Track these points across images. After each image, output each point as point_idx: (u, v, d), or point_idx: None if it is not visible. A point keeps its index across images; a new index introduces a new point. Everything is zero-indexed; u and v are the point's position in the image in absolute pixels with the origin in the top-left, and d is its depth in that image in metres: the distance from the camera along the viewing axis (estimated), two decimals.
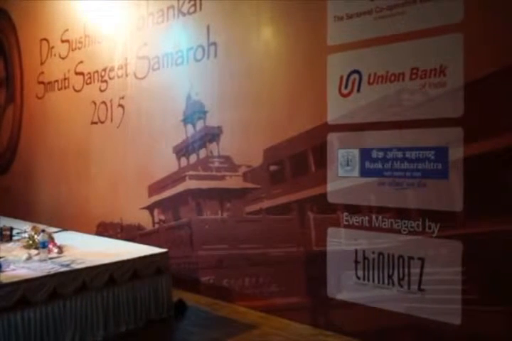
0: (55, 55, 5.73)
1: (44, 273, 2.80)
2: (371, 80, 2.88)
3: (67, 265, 2.97)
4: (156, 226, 4.40)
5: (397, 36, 2.77)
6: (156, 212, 4.41)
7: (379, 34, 2.85)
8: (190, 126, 4.07)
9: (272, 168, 3.46)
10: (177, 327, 3.32)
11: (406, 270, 2.72)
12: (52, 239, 3.35)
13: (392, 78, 2.79)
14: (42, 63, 5.96)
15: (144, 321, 3.20)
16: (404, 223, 2.72)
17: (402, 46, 2.75)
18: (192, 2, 4.00)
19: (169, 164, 4.23)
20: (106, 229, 4.92)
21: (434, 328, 2.63)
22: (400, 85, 2.75)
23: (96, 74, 5.08)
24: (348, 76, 2.98)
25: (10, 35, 6.58)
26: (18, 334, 2.62)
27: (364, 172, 2.91)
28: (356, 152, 2.95)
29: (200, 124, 3.98)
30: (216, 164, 3.85)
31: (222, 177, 3.80)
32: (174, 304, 3.44)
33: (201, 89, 3.97)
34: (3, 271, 2.79)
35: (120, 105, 4.78)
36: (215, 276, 3.85)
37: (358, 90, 2.93)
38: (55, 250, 3.28)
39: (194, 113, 4.02)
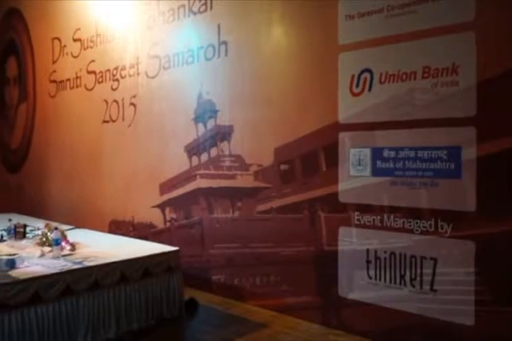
0: (67, 53, 5.77)
1: (57, 270, 2.82)
2: (383, 79, 2.86)
3: (80, 262, 2.99)
4: (168, 224, 4.42)
5: (409, 35, 2.75)
6: (167, 210, 4.43)
7: (391, 33, 2.83)
8: (201, 125, 4.08)
9: (283, 167, 3.46)
10: (188, 326, 3.34)
11: (418, 270, 2.71)
12: (65, 237, 3.38)
13: (404, 77, 2.77)
14: (54, 62, 6.01)
15: (156, 319, 3.22)
16: (417, 223, 2.71)
17: (413, 45, 2.74)
18: (203, 1, 4.01)
19: (180, 163, 4.25)
20: (118, 227, 4.96)
21: (446, 329, 2.61)
22: (411, 84, 2.74)
23: (108, 73, 5.11)
24: (360, 75, 2.97)
25: (23, 34, 6.64)
26: (32, 329, 2.65)
27: (376, 172, 2.90)
28: (368, 151, 2.94)
29: (211, 123, 3.99)
30: (227, 163, 3.86)
31: (233, 176, 3.80)
32: (185, 302, 3.45)
33: (212, 88, 3.98)
34: (18, 268, 2.83)
35: (132, 104, 4.80)
36: (226, 275, 3.86)
37: (370, 89, 2.92)
38: (68, 247, 3.31)
39: (205, 112, 4.03)
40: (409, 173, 2.75)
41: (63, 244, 3.28)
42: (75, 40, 5.61)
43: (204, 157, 4.06)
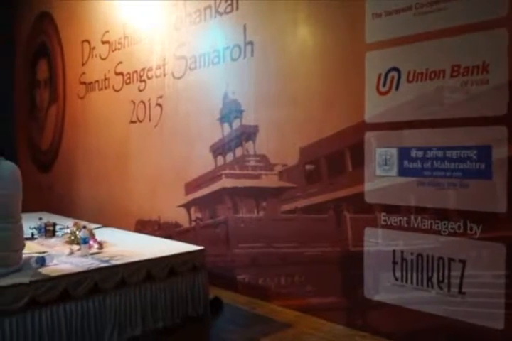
0: (95, 55, 5.88)
1: (85, 268, 2.87)
2: (410, 78, 2.82)
3: (107, 261, 3.03)
4: (193, 224, 4.45)
5: (438, 32, 2.70)
6: (192, 210, 4.47)
7: (419, 30, 2.78)
8: (226, 125, 4.10)
9: (308, 166, 3.45)
10: (213, 325, 3.35)
11: (446, 272, 2.66)
12: (93, 235, 3.44)
13: (432, 75, 2.72)
14: (83, 64, 6.13)
15: (181, 317, 3.24)
16: (445, 224, 2.66)
17: (442, 43, 2.68)
18: (229, 2, 4.02)
19: (206, 163, 4.27)
20: (144, 227, 5.02)
21: (474, 332, 2.56)
22: (440, 83, 2.69)
23: (135, 74, 5.19)
24: (387, 74, 2.93)
25: (53, 37, 6.79)
26: (61, 326, 2.70)
27: (402, 172, 2.86)
28: (394, 151, 2.90)
29: (236, 123, 4.00)
30: (252, 163, 3.86)
31: (258, 176, 3.81)
32: (211, 301, 3.47)
33: (238, 88, 3.99)
34: (47, 266, 2.89)
35: (158, 104, 4.86)
36: (251, 275, 3.87)
37: (397, 88, 2.88)
38: (96, 246, 3.36)
39: (231, 112, 4.05)
40: (437, 173, 2.70)
41: (91, 242, 3.34)
42: (103, 43, 5.71)
43: (229, 157, 4.07)
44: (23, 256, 2.88)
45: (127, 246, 3.49)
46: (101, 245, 3.40)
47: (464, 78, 2.58)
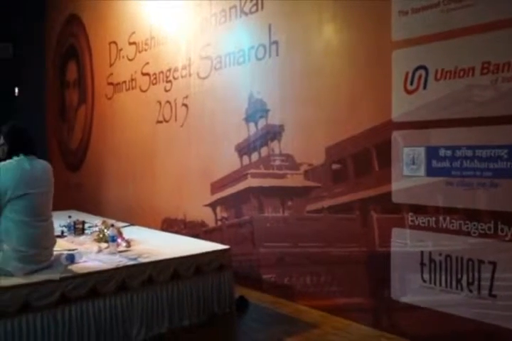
0: (123, 57, 5.97)
1: (113, 265, 2.93)
2: (438, 76, 2.77)
3: (135, 259, 3.08)
4: (219, 223, 4.48)
5: (467, 29, 2.64)
6: (218, 209, 4.49)
7: (447, 28, 2.73)
8: (252, 125, 4.11)
9: (334, 166, 3.42)
10: (239, 323, 3.37)
11: (476, 274, 2.60)
12: (120, 234, 3.50)
13: (461, 73, 2.67)
14: (111, 65, 6.23)
15: (207, 315, 3.27)
16: (474, 225, 2.60)
17: (471, 40, 2.63)
18: (254, 1, 4.03)
19: (231, 162, 4.29)
20: (170, 225, 5.07)
21: (505, 336, 2.49)
22: (469, 81, 2.63)
23: (161, 75, 5.24)
24: (414, 72, 2.88)
25: (82, 39, 6.93)
26: (90, 322, 2.76)
27: (430, 172, 2.81)
28: (422, 150, 2.85)
29: (262, 123, 4.01)
30: (277, 162, 3.86)
31: (284, 176, 3.80)
32: (236, 300, 3.49)
33: (263, 87, 4.00)
34: (77, 263, 2.95)
35: (184, 104, 4.90)
36: (277, 274, 3.87)
37: (425, 86, 2.83)
38: (123, 244, 3.41)
39: (256, 111, 4.05)
40: (466, 173, 2.64)
41: (119, 240, 3.39)
42: (130, 44, 5.80)
43: (255, 156, 4.08)
44: (54, 253, 2.96)
45: (154, 244, 3.53)
46: (128, 243, 3.46)
47: (494, 75, 2.52)
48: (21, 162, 2.77)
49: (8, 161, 2.77)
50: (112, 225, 3.43)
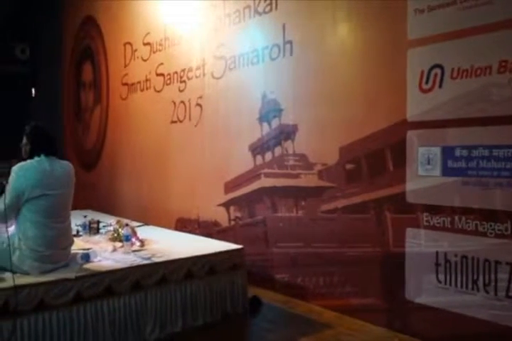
0: (137, 57, 6.01)
1: (127, 264, 2.95)
2: (454, 75, 2.74)
3: (148, 258, 3.10)
4: (232, 223, 4.49)
5: (484, 27, 2.60)
6: (232, 209, 4.50)
7: (463, 26, 2.70)
8: (265, 125, 4.10)
9: (348, 166, 3.41)
10: (252, 323, 3.37)
11: (492, 275, 2.57)
12: (135, 233, 3.52)
13: (478, 72, 2.63)
14: (126, 66, 6.28)
15: (220, 315, 3.28)
16: (491, 225, 2.56)
17: (488, 38, 2.59)
18: (268, 1, 4.02)
19: (245, 162, 4.29)
20: (184, 225, 5.09)
21: None
22: (486, 79, 2.59)
23: (175, 75, 5.27)
24: (430, 71, 2.85)
25: (97, 40, 6.99)
26: (104, 321, 2.78)
27: (446, 172, 2.78)
28: (438, 150, 2.82)
29: (275, 122, 4.00)
30: (291, 162, 3.85)
31: (297, 176, 3.79)
32: (249, 300, 3.49)
33: (277, 87, 3.99)
34: (91, 262, 2.98)
35: (198, 104, 4.92)
36: (290, 274, 3.86)
37: (440, 85, 2.80)
38: (138, 243, 3.44)
39: (270, 111, 4.05)
40: (482, 173, 2.60)
41: (133, 240, 3.42)
42: (144, 44, 5.83)
43: (268, 156, 4.07)
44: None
45: (168, 244, 3.55)
46: (142, 243, 3.48)
47: (511, 74, 2.49)
48: (41, 162, 2.79)
49: (28, 161, 2.80)
50: (127, 225, 3.46)
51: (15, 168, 2.74)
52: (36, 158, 2.80)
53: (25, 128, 2.92)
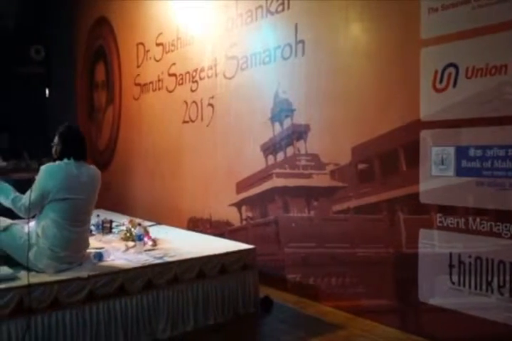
0: (150, 58, 6.04)
1: (140, 264, 2.97)
2: (469, 74, 2.71)
3: (161, 257, 3.12)
4: (244, 223, 4.49)
5: (499, 26, 2.57)
6: (243, 208, 4.50)
7: (478, 24, 2.67)
8: (277, 124, 4.10)
9: (361, 166, 3.39)
10: (264, 323, 3.36)
11: (507, 277, 2.53)
12: (147, 233, 3.54)
13: (493, 71, 2.60)
14: (138, 66, 6.31)
15: (232, 315, 3.28)
16: (506, 226, 2.53)
17: (504, 36, 2.56)
18: (280, 1, 4.01)
19: (257, 162, 4.29)
20: (196, 225, 5.11)
21: None
22: (501, 78, 2.56)
23: (187, 75, 5.28)
24: (444, 70, 2.82)
25: (110, 41, 7.04)
26: (117, 319, 2.80)
27: (460, 172, 2.75)
28: (451, 150, 2.79)
29: (287, 122, 3.99)
30: (303, 162, 3.84)
31: (309, 176, 3.78)
32: (261, 300, 3.49)
33: (289, 87, 3.98)
34: (104, 261, 3.00)
35: (210, 104, 4.93)
36: (302, 274, 3.85)
37: (454, 85, 2.77)
38: (150, 243, 3.46)
39: (281, 111, 4.04)
40: (497, 173, 2.57)
41: (146, 239, 3.44)
42: (157, 45, 5.86)
43: (280, 156, 4.07)
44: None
45: (180, 243, 3.57)
46: (155, 242, 3.50)
47: None
48: (69, 166, 2.82)
49: (57, 163, 2.83)
50: (139, 224, 3.48)
51: (44, 168, 2.77)
52: (65, 161, 2.83)
53: (58, 128, 2.93)
